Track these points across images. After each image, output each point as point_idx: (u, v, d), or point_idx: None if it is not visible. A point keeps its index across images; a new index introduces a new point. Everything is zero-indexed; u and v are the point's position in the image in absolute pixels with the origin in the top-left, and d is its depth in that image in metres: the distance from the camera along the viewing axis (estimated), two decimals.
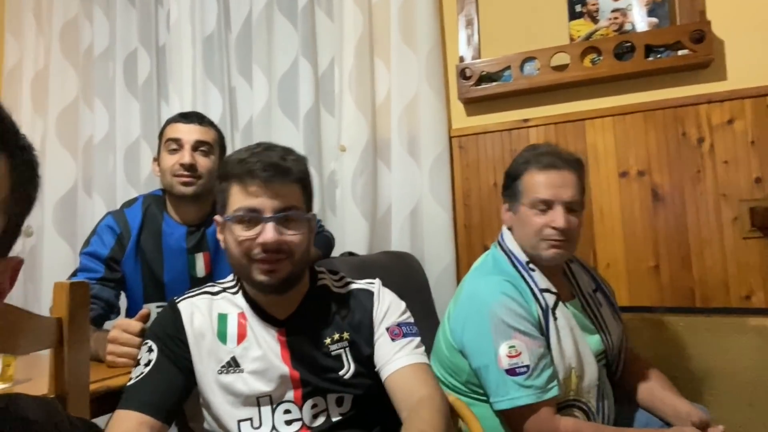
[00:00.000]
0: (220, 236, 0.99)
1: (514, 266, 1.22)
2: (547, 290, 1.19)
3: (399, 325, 1.04)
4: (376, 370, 1.00)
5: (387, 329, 1.02)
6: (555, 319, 1.17)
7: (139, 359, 0.94)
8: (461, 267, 1.87)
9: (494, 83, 1.83)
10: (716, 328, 1.58)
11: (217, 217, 1.00)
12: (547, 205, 1.20)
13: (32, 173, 0.48)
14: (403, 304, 1.09)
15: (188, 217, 1.39)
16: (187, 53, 2.11)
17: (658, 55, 1.66)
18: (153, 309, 1.25)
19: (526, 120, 1.82)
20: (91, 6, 2.32)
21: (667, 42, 1.65)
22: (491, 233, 1.85)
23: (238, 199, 0.94)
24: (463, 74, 1.85)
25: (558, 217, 1.17)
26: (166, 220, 1.38)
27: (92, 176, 2.24)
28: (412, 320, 1.07)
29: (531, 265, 1.22)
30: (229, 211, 0.95)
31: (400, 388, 0.96)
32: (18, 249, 0.50)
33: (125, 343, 1.05)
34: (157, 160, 1.43)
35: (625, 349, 1.34)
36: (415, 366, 0.99)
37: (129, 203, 1.43)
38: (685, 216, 1.64)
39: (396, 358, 0.99)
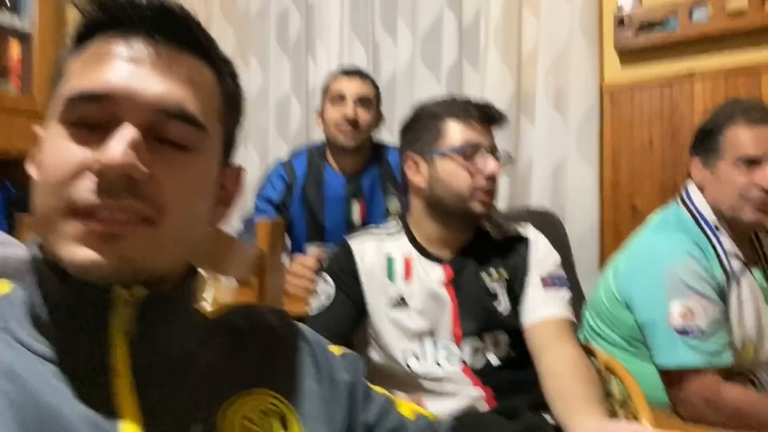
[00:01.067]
0: (415, 173, 1.08)
1: (700, 227, 1.16)
2: (734, 255, 1.13)
3: (551, 275, 1.07)
4: (520, 310, 1.05)
5: (541, 277, 1.05)
6: (739, 285, 1.11)
7: (318, 291, 1.05)
8: (605, 228, 1.81)
9: (656, 32, 1.70)
10: None
11: (415, 154, 1.08)
12: (754, 163, 1.12)
13: (237, 84, 0.53)
14: (557, 256, 1.12)
15: (347, 167, 1.50)
16: (335, 9, 2.20)
17: None
18: (314, 249, 1.36)
19: (691, 72, 1.68)
20: None
21: None
22: (641, 193, 1.77)
23: (461, 134, 1.05)
24: (621, 22, 1.75)
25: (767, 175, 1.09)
26: (327, 170, 1.50)
27: (247, 129, 2.44)
28: (563, 273, 1.10)
29: (719, 227, 1.15)
30: (444, 146, 1.05)
31: (545, 336, 1.01)
32: None
33: (303, 276, 1.17)
34: (320, 112, 1.53)
35: None
36: (562, 319, 1.03)
37: (295, 153, 1.56)
38: None
39: (544, 306, 1.04)
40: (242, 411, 0.49)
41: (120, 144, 0.41)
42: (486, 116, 1.07)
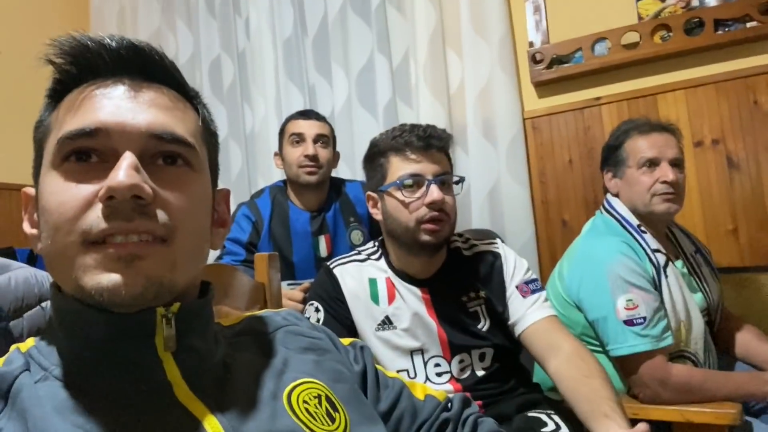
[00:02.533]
0: (375, 210, 1.13)
1: (625, 229, 1.33)
2: (658, 250, 1.30)
3: (526, 282, 1.15)
4: (510, 323, 1.12)
5: (517, 287, 1.13)
6: (666, 276, 1.27)
7: (309, 318, 1.09)
8: (540, 241, 1.98)
9: (565, 65, 1.93)
10: None
11: (371, 193, 1.13)
12: (654, 163, 1.31)
13: (208, 111, 0.58)
14: (525, 262, 1.20)
15: (310, 203, 1.56)
16: (268, 57, 2.27)
17: (727, 29, 1.74)
18: (285, 286, 1.40)
19: (598, 98, 1.92)
20: (173, 18, 2.50)
21: (735, 15, 1.73)
22: (568, 207, 1.96)
23: (400, 167, 1.07)
24: (534, 59, 1.96)
25: (667, 171, 1.29)
26: (291, 208, 1.55)
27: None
28: (536, 276, 1.19)
29: (641, 227, 1.32)
30: (390, 181, 1.08)
31: (542, 338, 1.07)
32: None
33: (294, 309, 1.21)
34: (279, 154, 1.59)
35: (721, 306, 1.44)
36: (550, 318, 1.10)
37: (258, 194, 1.60)
38: (761, 180, 1.72)
39: (530, 313, 1.10)
40: (298, 397, 0.54)
41: (124, 168, 0.45)
42: (426, 144, 1.07)
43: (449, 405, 0.68)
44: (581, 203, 1.94)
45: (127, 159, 0.45)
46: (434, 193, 1.04)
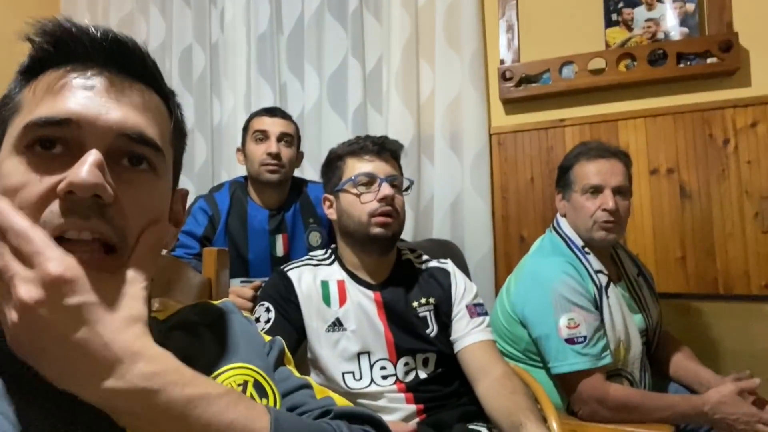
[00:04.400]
0: (330, 210, 1.15)
1: (571, 249, 1.36)
2: (601, 271, 1.34)
3: (474, 305, 1.21)
4: (451, 339, 1.16)
5: (467, 307, 1.18)
6: (607, 297, 1.31)
7: (259, 317, 1.08)
8: (498, 255, 2.01)
9: (533, 84, 1.97)
10: (738, 313, 1.73)
11: (328, 195, 1.15)
12: (597, 190, 1.34)
13: (181, 111, 0.58)
14: (474, 286, 1.26)
15: (270, 201, 1.54)
16: (241, 51, 2.25)
17: (689, 63, 1.81)
18: (238, 283, 1.38)
19: (562, 120, 1.96)
20: (146, 3, 2.46)
21: (697, 51, 1.79)
22: (527, 224, 2.00)
23: (355, 167, 1.14)
24: (504, 76, 2.00)
25: (608, 199, 1.32)
26: (250, 204, 1.53)
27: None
28: (482, 301, 1.24)
29: (586, 249, 1.36)
30: (344, 180, 1.14)
31: (477, 359, 1.13)
32: None
33: (240, 307, 1.19)
34: (241, 150, 1.57)
35: (660, 327, 1.49)
36: (488, 342, 1.16)
37: (217, 188, 1.57)
38: (710, 211, 1.79)
39: (472, 333, 1.16)
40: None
41: (88, 165, 0.43)
42: (380, 148, 1.18)
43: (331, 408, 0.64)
44: (540, 221, 1.98)
45: (93, 156, 0.44)
46: (385, 189, 1.13)
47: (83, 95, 0.47)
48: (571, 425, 1.22)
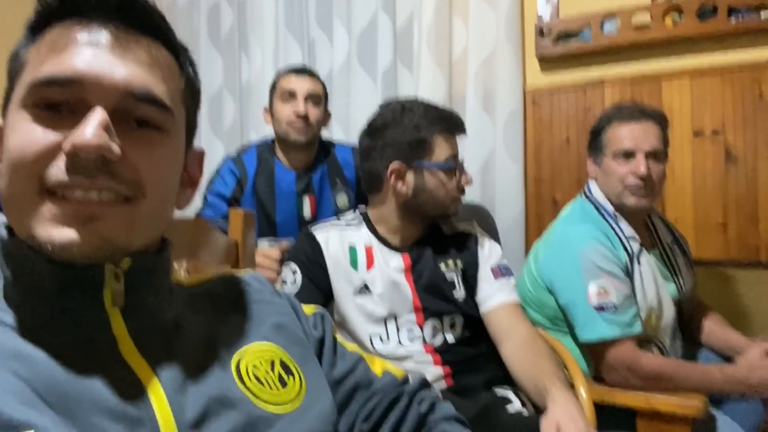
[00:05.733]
0: (398, 181, 1.11)
1: (602, 215, 1.32)
2: (632, 238, 1.30)
3: (500, 266, 1.18)
4: (477, 300, 1.15)
5: (491, 269, 1.16)
6: (639, 264, 1.27)
7: (285, 279, 1.08)
8: (530, 218, 1.97)
9: (572, 41, 1.88)
10: None
11: (402, 164, 1.13)
12: (629, 155, 1.29)
13: (194, 69, 0.56)
14: (499, 248, 1.24)
15: (297, 162, 1.53)
16: (269, 6, 2.20)
17: (740, 17, 1.69)
18: (266, 244, 1.39)
19: (601, 79, 1.87)
20: None
21: (750, 4, 1.67)
22: (561, 187, 1.94)
23: (446, 148, 1.15)
24: (541, 32, 1.91)
25: (640, 165, 1.27)
26: (277, 166, 1.53)
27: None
28: (507, 262, 1.22)
29: (617, 215, 1.31)
30: (432, 160, 1.13)
31: (502, 321, 1.13)
32: None
33: (268, 267, 1.20)
34: (268, 110, 1.55)
35: (694, 296, 1.44)
36: (514, 304, 1.16)
37: (244, 149, 1.57)
38: (756, 176, 1.70)
39: (497, 294, 1.15)
40: (248, 362, 0.53)
41: (92, 126, 0.43)
42: (460, 129, 1.20)
43: (406, 382, 0.67)
44: (575, 183, 1.91)
45: (97, 115, 0.43)
46: (467, 177, 1.19)
47: (88, 52, 0.46)
48: (599, 392, 1.20)
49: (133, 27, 0.48)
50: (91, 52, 0.45)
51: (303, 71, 1.54)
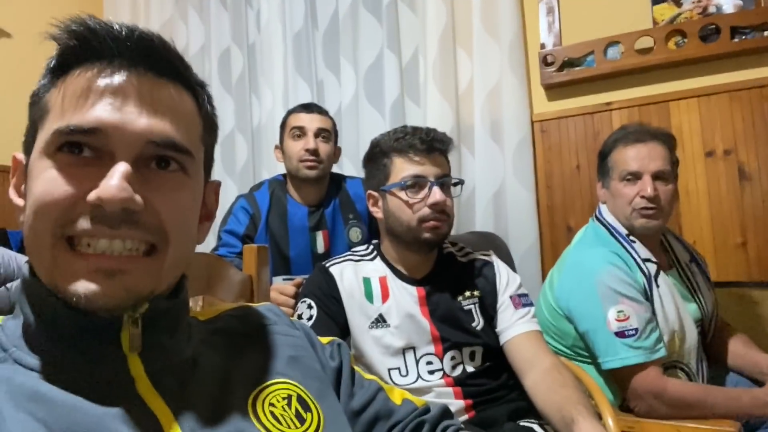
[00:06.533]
0: (375, 208, 1.13)
1: (615, 238, 1.30)
2: (649, 260, 1.28)
3: (519, 295, 1.17)
4: (497, 331, 1.13)
5: (510, 298, 1.14)
6: (657, 286, 1.25)
7: (301, 314, 1.08)
8: (544, 246, 1.95)
9: (577, 68, 1.90)
10: None
11: (372, 192, 1.14)
12: (636, 176, 1.28)
13: (212, 106, 0.57)
14: (518, 277, 1.22)
15: (309, 198, 1.54)
16: (278, 50, 2.26)
17: (744, 36, 1.70)
18: (281, 281, 1.39)
19: (608, 103, 1.88)
20: (186, 8, 2.51)
21: (753, 23, 1.68)
22: (573, 213, 1.93)
23: (403, 169, 1.09)
24: (545, 61, 1.93)
25: (647, 186, 1.26)
26: (290, 202, 1.54)
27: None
28: (526, 291, 1.20)
29: (631, 237, 1.30)
30: (393, 181, 1.10)
31: (524, 351, 1.10)
32: None
33: (282, 304, 1.20)
34: (279, 147, 1.58)
35: (716, 316, 1.41)
36: (535, 333, 1.13)
37: (256, 187, 1.59)
38: None
39: (518, 324, 1.13)
40: (264, 400, 0.52)
41: (117, 179, 0.44)
42: (429, 147, 1.11)
43: (427, 411, 0.66)
44: (587, 209, 1.90)
45: (121, 168, 0.44)
46: (437, 194, 1.08)
47: (111, 101, 0.46)
48: (627, 422, 1.16)
49: (155, 72, 0.49)
50: (113, 102, 0.46)
51: (312, 108, 1.57)
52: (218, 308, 0.64)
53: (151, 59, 0.49)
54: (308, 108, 1.56)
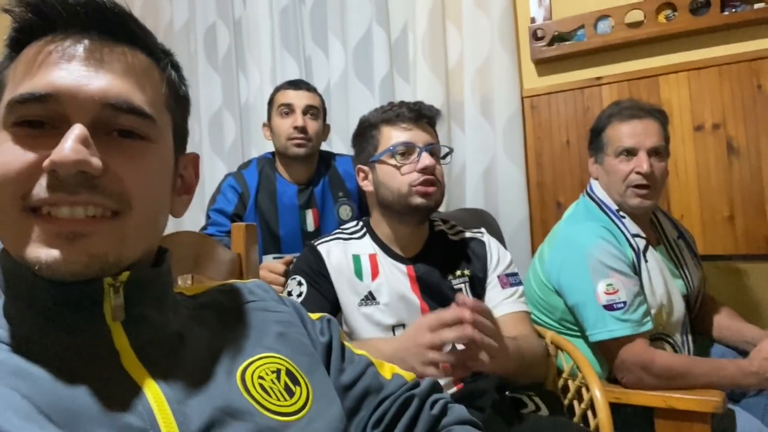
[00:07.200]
0: (365, 182, 1.13)
1: (606, 214, 1.31)
2: (638, 235, 1.29)
3: (507, 275, 1.17)
4: None
5: (498, 277, 1.15)
6: (646, 261, 1.26)
7: (290, 291, 1.08)
8: (534, 223, 1.96)
9: (567, 43, 1.88)
10: None
11: (362, 165, 1.13)
12: (631, 153, 1.28)
13: (179, 73, 0.56)
14: (509, 255, 1.22)
15: (298, 176, 1.53)
16: (264, 26, 2.22)
17: (734, 9, 1.69)
18: (270, 260, 1.39)
19: (598, 78, 1.87)
20: None
21: None
22: (564, 190, 1.93)
23: (392, 137, 1.10)
24: (535, 35, 1.91)
25: (642, 162, 1.26)
26: (279, 180, 1.53)
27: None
28: (516, 270, 1.20)
29: (621, 213, 1.31)
30: (382, 149, 1.10)
31: (507, 330, 1.09)
32: None
33: (272, 282, 1.19)
34: (267, 125, 1.56)
35: (702, 291, 1.43)
36: (518, 314, 1.14)
37: (245, 165, 1.57)
38: (760, 167, 1.69)
39: (504, 303, 1.14)
40: (253, 372, 0.52)
41: (70, 141, 0.42)
42: (417, 115, 1.13)
43: (417, 385, 0.66)
44: (577, 185, 1.91)
45: (75, 130, 0.43)
46: (426, 159, 1.09)
47: (62, 67, 0.46)
48: (614, 393, 1.18)
49: (109, 36, 0.48)
50: (65, 67, 0.45)
51: (300, 85, 1.55)
52: (206, 285, 0.64)
53: (104, 23, 0.48)
54: (296, 85, 1.54)
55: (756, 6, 1.65)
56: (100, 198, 0.44)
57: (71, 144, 0.42)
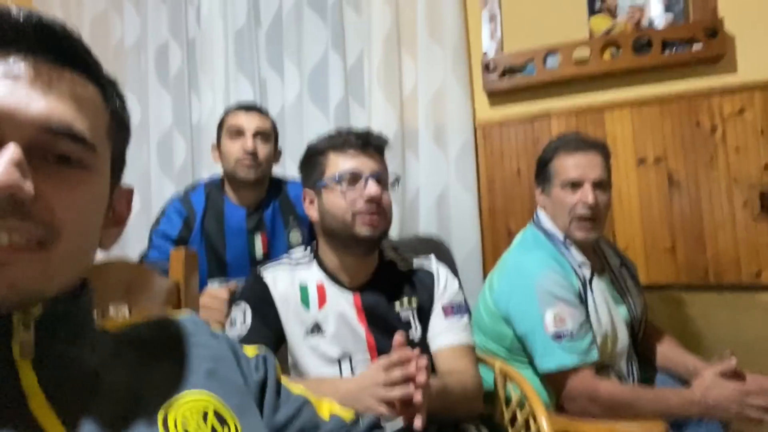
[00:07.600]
0: (310, 206, 1.10)
1: (553, 243, 1.33)
2: (584, 264, 1.31)
3: (452, 305, 1.16)
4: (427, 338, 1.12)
5: (443, 307, 1.14)
6: (591, 290, 1.28)
7: (235, 320, 1.03)
8: (486, 249, 1.97)
9: (517, 75, 1.93)
10: (729, 303, 1.71)
11: (308, 189, 1.10)
12: (576, 185, 1.31)
13: (123, 103, 0.54)
14: (456, 283, 1.21)
15: (247, 200, 1.49)
16: (219, 46, 2.19)
17: (674, 50, 1.78)
18: (216, 286, 1.34)
19: (547, 111, 1.92)
20: (120, 1, 2.39)
21: (682, 37, 1.76)
22: (515, 217, 1.96)
23: (338, 164, 1.07)
24: (487, 67, 1.96)
25: (588, 194, 1.29)
26: (227, 204, 1.48)
27: (127, 165, 2.31)
28: (462, 298, 1.20)
29: (567, 241, 1.33)
30: (325, 177, 1.08)
31: (445, 362, 1.10)
32: None
33: (215, 309, 1.15)
34: (217, 147, 1.52)
35: (645, 319, 1.46)
36: (461, 346, 1.12)
37: (192, 187, 1.52)
38: (699, 200, 1.76)
39: (444, 334, 1.12)
40: (176, 415, 0.49)
41: (2, 164, 0.40)
42: (364, 142, 1.11)
43: (356, 422, 0.64)
44: (527, 213, 1.93)
45: (8, 152, 0.40)
46: (372, 187, 1.06)
47: (4, 85, 0.43)
48: (561, 423, 1.18)
49: (56, 60, 0.46)
50: (7, 85, 0.43)
51: (251, 108, 1.52)
52: (132, 319, 0.60)
53: (52, 46, 0.45)
54: (247, 108, 1.51)
55: (694, 47, 1.74)
56: (28, 225, 0.41)
57: (3, 166, 0.40)
